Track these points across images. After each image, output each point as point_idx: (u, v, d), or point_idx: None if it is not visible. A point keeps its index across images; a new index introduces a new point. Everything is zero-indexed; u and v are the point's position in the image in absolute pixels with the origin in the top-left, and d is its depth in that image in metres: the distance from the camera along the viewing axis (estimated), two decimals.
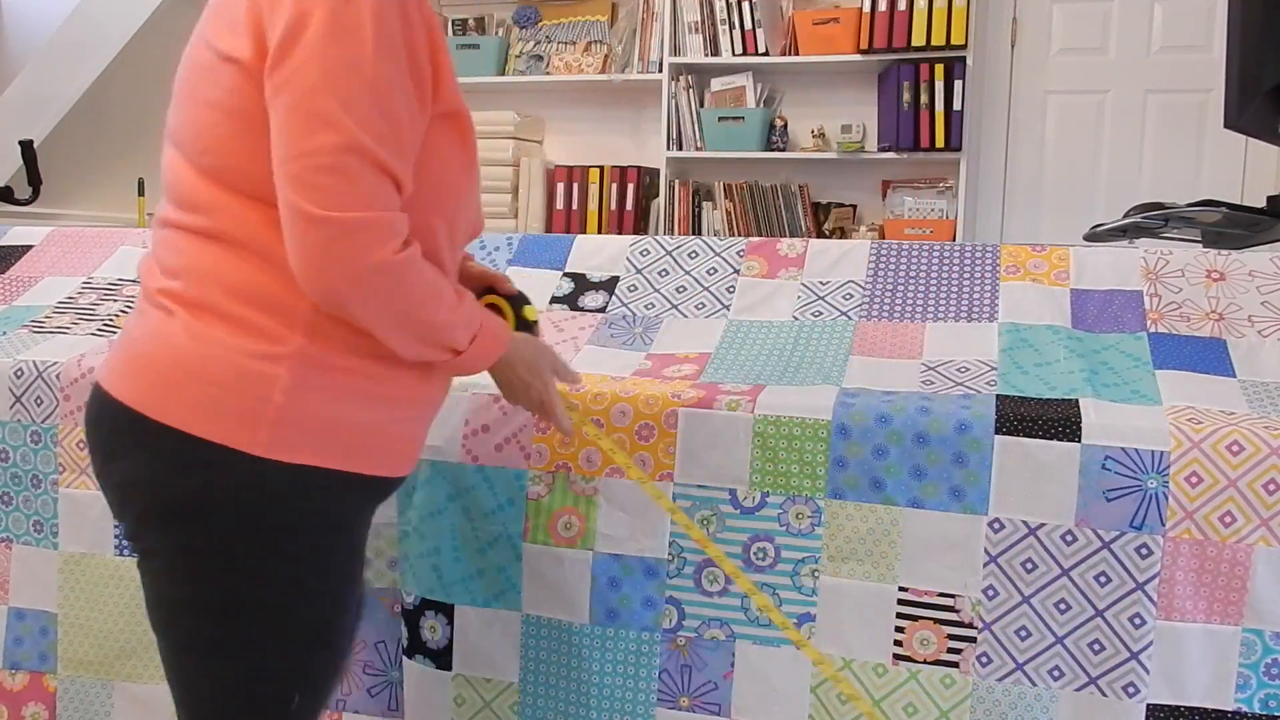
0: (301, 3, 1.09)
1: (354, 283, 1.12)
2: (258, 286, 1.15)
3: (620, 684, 1.71)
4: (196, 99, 1.17)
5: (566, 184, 4.35)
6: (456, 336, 1.25)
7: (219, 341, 1.15)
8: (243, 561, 1.17)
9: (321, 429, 1.18)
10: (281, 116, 1.10)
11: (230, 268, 1.16)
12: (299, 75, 1.08)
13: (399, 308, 1.17)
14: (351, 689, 1.85)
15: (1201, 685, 1.52)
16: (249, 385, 1.14)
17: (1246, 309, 1.83)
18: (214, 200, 1.16)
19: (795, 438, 1.65)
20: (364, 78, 1.09)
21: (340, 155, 1.09)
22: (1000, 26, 4.11)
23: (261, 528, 1.17)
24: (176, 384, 1.15)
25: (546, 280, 2.16)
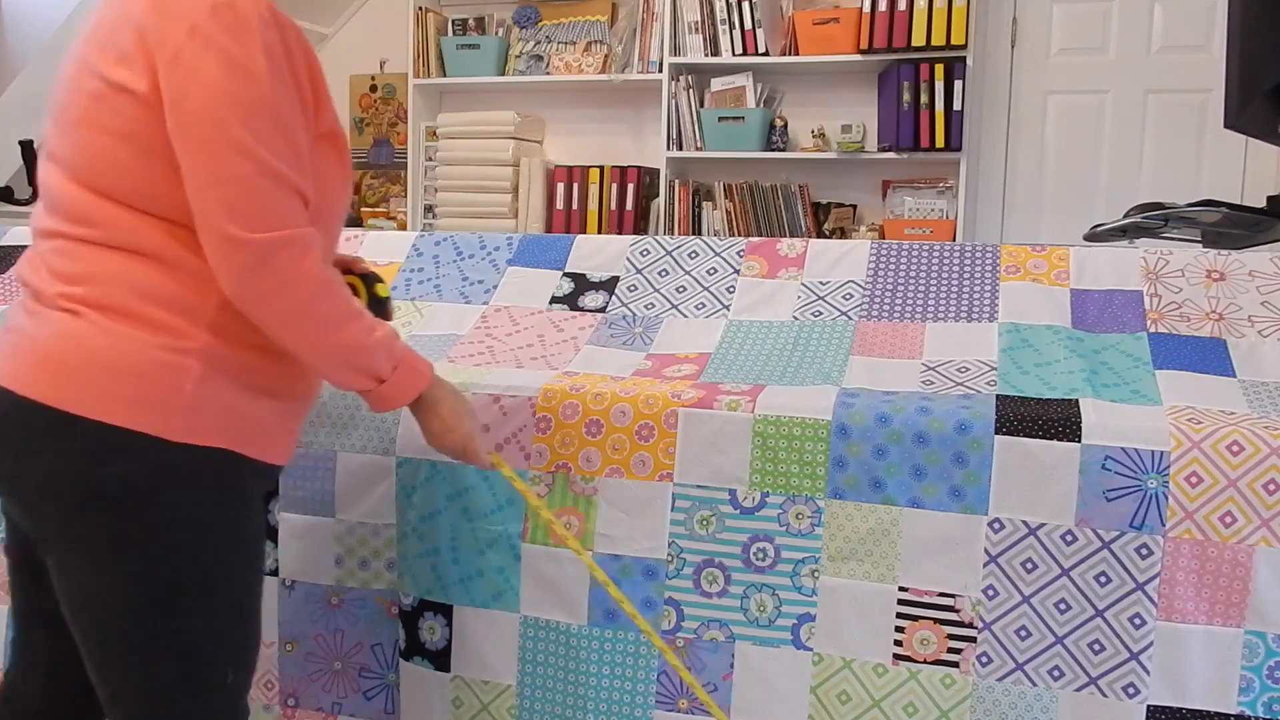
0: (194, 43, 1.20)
1: (281, 294, 1.24)
2: (162, 289, 1.25)
3: (618, 685, 1.71)
4: (91, 125, 1.25)
5: (566, 184, 4.35)
6: (379, 362, 1.35)
7: (132, 337, 1.23)
8: (167, 541, 1.26)
9: (226, 416, 1.28)
10: (194, 148, 1.20)
11: (135, 272, 1.25)
12: (206, 110, 1.19)
13: (323, 324, 1.28)
14: (348, 692, 1.85)
15: (1203, 687, 1.52)
16: (163, 376, 1.23)
17: (1246, 309, 1.83)
18: (109, 215, 1.25)
19: (795, 438, 1.65)
20: (266, 108, 1.22)
21: (256, 180, 1.21)
22: (1000, 26, 4.10)
23: (182, 506, 1.26)
24: (93, 379, 1.22)
25: (546, 280, 2.16)
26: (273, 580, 1.87)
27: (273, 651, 1.88)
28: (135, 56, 1.22)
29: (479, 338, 2.04)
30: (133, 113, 1.23)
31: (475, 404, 1.77)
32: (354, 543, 1.83)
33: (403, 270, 2.23)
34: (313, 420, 1.85)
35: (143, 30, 1.22)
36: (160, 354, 1.23)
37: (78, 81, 1.27)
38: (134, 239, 1.25)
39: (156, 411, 1.23)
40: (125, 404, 1.22)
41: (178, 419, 1.24)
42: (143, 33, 1.22)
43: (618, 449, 1.72)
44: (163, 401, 1.23)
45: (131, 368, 1.23)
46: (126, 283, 1.24)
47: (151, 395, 1.23)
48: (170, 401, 1.23)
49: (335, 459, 1.83)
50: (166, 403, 1.23)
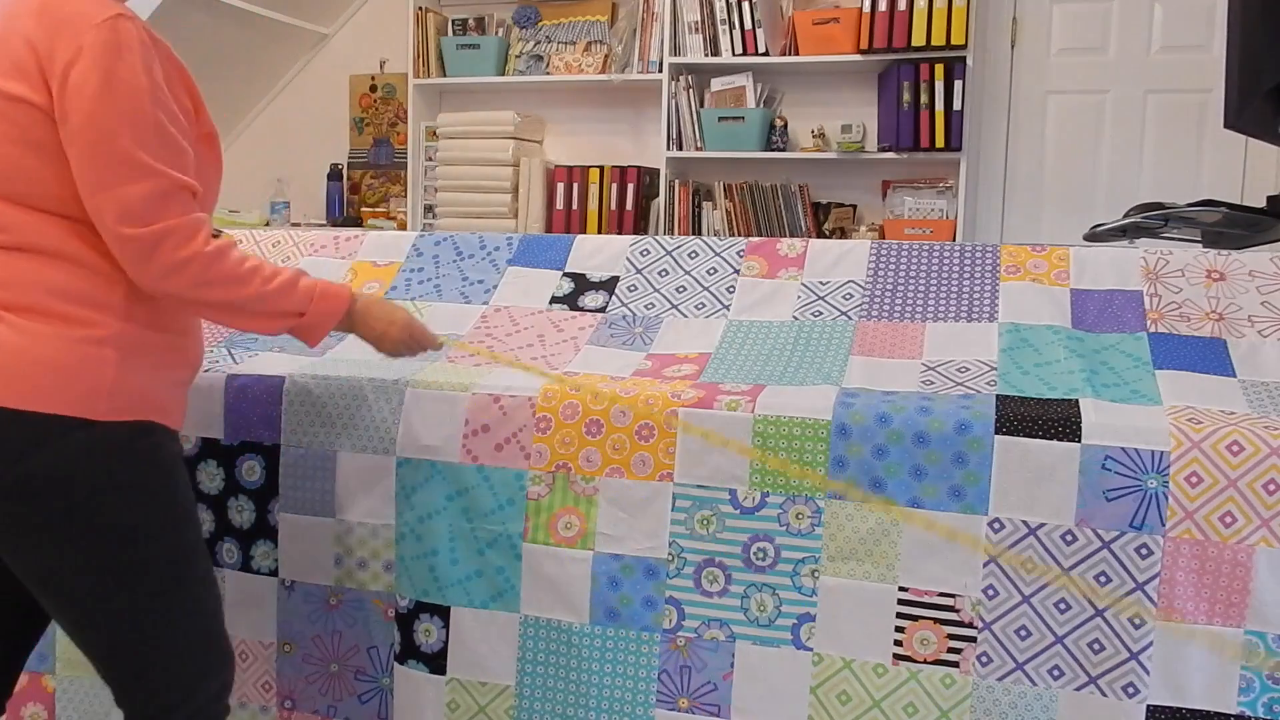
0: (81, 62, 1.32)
1: (178, 274, 1.38)
2: (72, 286, 1.37)
3: (619, 684, 1.71)
4: None
5: (566, 184, 4.35)
6: (292, 300, 1.51)
7: (52, 334, 1.34)
8: (111, 510, 1.37)
9: (143, 393, 1.41)
10: (85, 156, 1.33)
11: (44, 273, 1.36)
12: (92, 123, 1.32)
13: (225, 287, 1.43)
14: (343, 695, 1.85)
15: (1202, 687, 1.52)
16: (86, 366, 1.35)
17: (1246, 309, 1.83)
18: (15, 219, 1.36)
19: (795, 438, 1.65)
20: (147, 118, 1.35)
21: (139, 183, 1.34)
22: (1000, 26, 4.10)
23: (118, 478, 1.38)
24: (20, 375, 1.32)
25: (546, 280, 2.16)
26: (272, 580, 1.87)
27: (271, 652, 1.88)
28: (29, 69, 1.34)
29: (479, 338, 2.04)
30: (29, 121, 1.34)
31: (475, 404, 1.77)
32: (353, 543, 1.83)
33: (403, 270, 2.23)
34: (313, 420, 1.85)
35: (34, 46, 1.33)
36: (80, 347, 1.35)
37: None
38: (41, 240, 1.37)
39: (83, 397, 1.34)
40: (54, 394, 1.33)
41: (103, 402, 1.36)
42: (34, 49, 1.33)
43: (618, 449, 1.72)
44: (88, 388, 1.35)
45: (55, 361, 1.34)
46: (39, 284, 1.36)
47: (76, 384, 1.34)
48: (95, 387, 1.35)
49: (335, 459, 1.83)
50: (92, 389, 1.35)
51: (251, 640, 1.89)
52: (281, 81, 4.95)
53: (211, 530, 1.91)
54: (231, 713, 1.86)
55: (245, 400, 1.87)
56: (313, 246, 2.32)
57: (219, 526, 1.90)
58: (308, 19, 4.68)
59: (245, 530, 1.89)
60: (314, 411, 1.84)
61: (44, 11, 1.34)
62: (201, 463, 1.90)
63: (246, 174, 4.92)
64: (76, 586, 1.38)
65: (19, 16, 1.35)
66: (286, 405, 1.86)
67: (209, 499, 1.90)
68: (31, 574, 1.39)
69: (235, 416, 1.88)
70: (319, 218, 4.84)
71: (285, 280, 1.50)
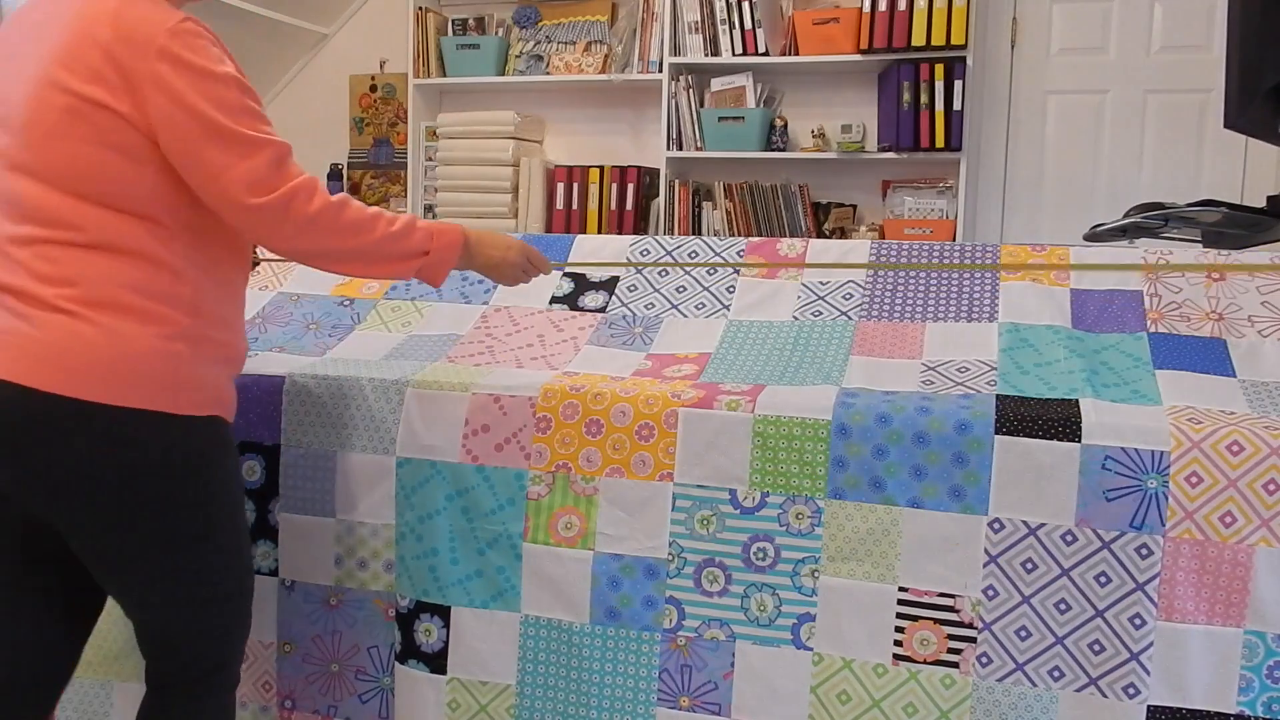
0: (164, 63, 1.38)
1: (312, 227, 1.46)
2: (146, 282, 1.42)
3: (620, 683, 1.71)
4: (69, 137, 1.39)
5: (566, 184, 4.35)
6: (416, 240, 1.58)
7: (131, 332, 1.40)
8: (191, 498, 1.46)
9: (209, 387, 1.49)
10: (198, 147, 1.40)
11: (120, 270, 1.41)
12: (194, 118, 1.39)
13: (356, 234, 1.51)
14: (344, 695, 1.85)
15: (1202, 687, 1.52)
16: (163, 362, 1.42)
17: (1246, 309, 1.83)
18: (92, 217, 1.40)
19: (795, 438, 1.65)
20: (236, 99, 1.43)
21: (251, 158, 1.42)
22: (1000, 26, 4.10)
23: (203, 466, 1.48)
24: (104, 370, 1.38)
25: (546, 280, 2.16)
26: (272, 580, 1.87)
27: (271, 652, 1.88)
28: (110, 78, 1.38)
29: (479, 337, 2.04)
30: (111, 125, 1.39)
31: (475, 404, 1.77)
32: (353, 543, 1.83)
33: None
34: (313, 420, 1.85)
35: (112, 55, 1.38)
36: (155, 343, 1.41)
37: (44, 98, 1.40)
38: (117, 238, 1.41)
39: (161, 391, 1.41)
40: (134, 388, 1.39)
41: (182, 395, 1.44)
42: (113, 57, 1.38)
43: (618, 449, 1.72)
44: (166, 383, 1.42)
45: (132, 357, 1.39)
46: (115, 280, 1.40)
47: (156, 379, 1.41)
48: (172, 382, 1.42)
49: (335, 459, 1.83)
50: (169, 383, 1.42)
51: (252, 640, 1.89)
52: (281, 81, 4.94)
53: None
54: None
55: (245, 400, 1.87)
56: None
57: None
58: (308, 19, 4.68)
59: None
60: (314, 411, 1.84)
61: (117, 22, 1.39)
62: None
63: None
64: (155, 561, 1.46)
65: (93, 26, 1.39)
66: (286, 405, 1.86)
67: None
68: (105, 554, 1.46)
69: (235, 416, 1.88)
70: None
71: (406, 222, 1.58)
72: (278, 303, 2.19)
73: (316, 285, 2.22)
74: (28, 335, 1.37)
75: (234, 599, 1.57)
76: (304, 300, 2.18)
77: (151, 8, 1.42)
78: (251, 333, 2.08)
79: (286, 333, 2.09)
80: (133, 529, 1.44)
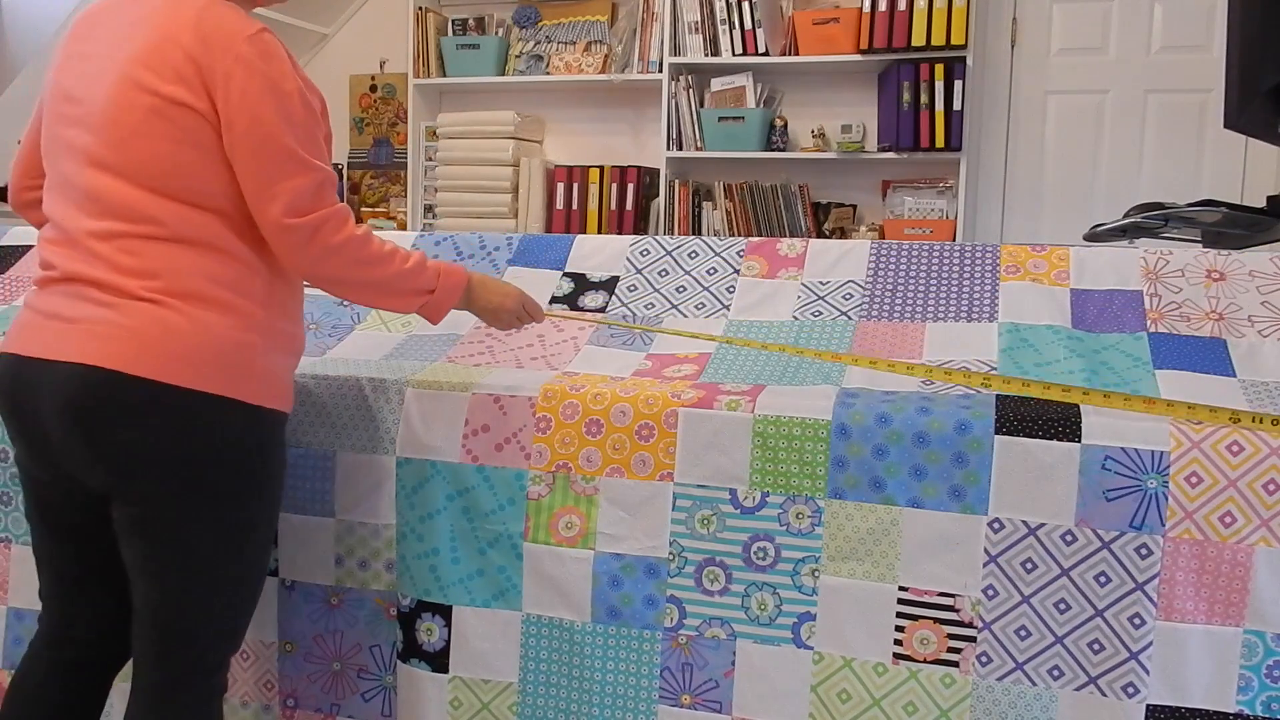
0: (240, 69, 1.45)
1: (335, 255, 1.53)
2: (224, 274, 1.49)
3: (622, 682, 1.71)
4: (151, 135, 1.46)
5: (566, 184, 4.35)
6: (425, 278, 1.65)
7: (213, 321, 1.47)
8: (249, 485, 1.53)
9: (277, 379, 1.56)
10: (254, 155, 1.47)
11: (201, 262, 1.48)
12: (257, 126, 1.46)
13: (373, 267, 1.58)
14: (346, 693, 1.85)
15: (1202, 687, 1.52)
16: (240, 352, 1.49)
17: (1246, 309, 1.83)
18: (173, 212, 1.47)
19: (795, 438, 1.65)
20: (299, 118, 1.50)
21: (300, 178, 1.49)
22: (1000, 26, 4.11)
23: (259, 456, 1.54)
24: (185, 356, 1.45)
25: (547, 280, 2.16)
26: (272, 580, 1.88)
27: (272, 651, 1.88)
28: (190, 78, 1.46)
29: (479, 337, 2.04)
30: (192, 124, 1.46)
31: (475, 404, 1.78)
32: (354, 543, 1.84)
33: None
34: (313, 420, 1.85)
35: (193, 57, 1.45)
36: (234, 333, 1.49)
37: (128, 97, 1.46)
38: (196, 232, 1.48)
39: (238, 380, 1.49)
40: (215, 375, 1.46)
41: (255, 385, 1.51)
42: (193, 59, 1.45)
43: (618, 449, 1.72)
44: (243, 373, 1.49)
45: (214, 345, 1.47)
46: (195, 272, 1.47)
47: (232, 367, 1.48)
48: (247, 371, 1.50)
49: (335, 459, 1.83)
50: (244, 373, 1.50)
51: (253, 639, 1.89)
52: None
53: None
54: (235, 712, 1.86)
55: None
56: None
57: None
58: (308, 19, 4.68)
59: None
60: (314, 411, 1.84)
61: (199, 26, 1.47)
62: None
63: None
64: (203, 543, 1.50)
65: (175, 30, 1.47)
66: None
67: None
68: (165, 533, 1.49)
69: None
70: None
71: (418, 259, 1.65)
72: None
73: None
74: (115, 323, 1.44)
75: (252, 595, 1.60)
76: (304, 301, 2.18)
77: (233, 14, 1.50)
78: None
79: None
80: (188, 507, 1.48)
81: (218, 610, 1.55)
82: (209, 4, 1.50)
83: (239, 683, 1.90)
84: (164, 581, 1.51)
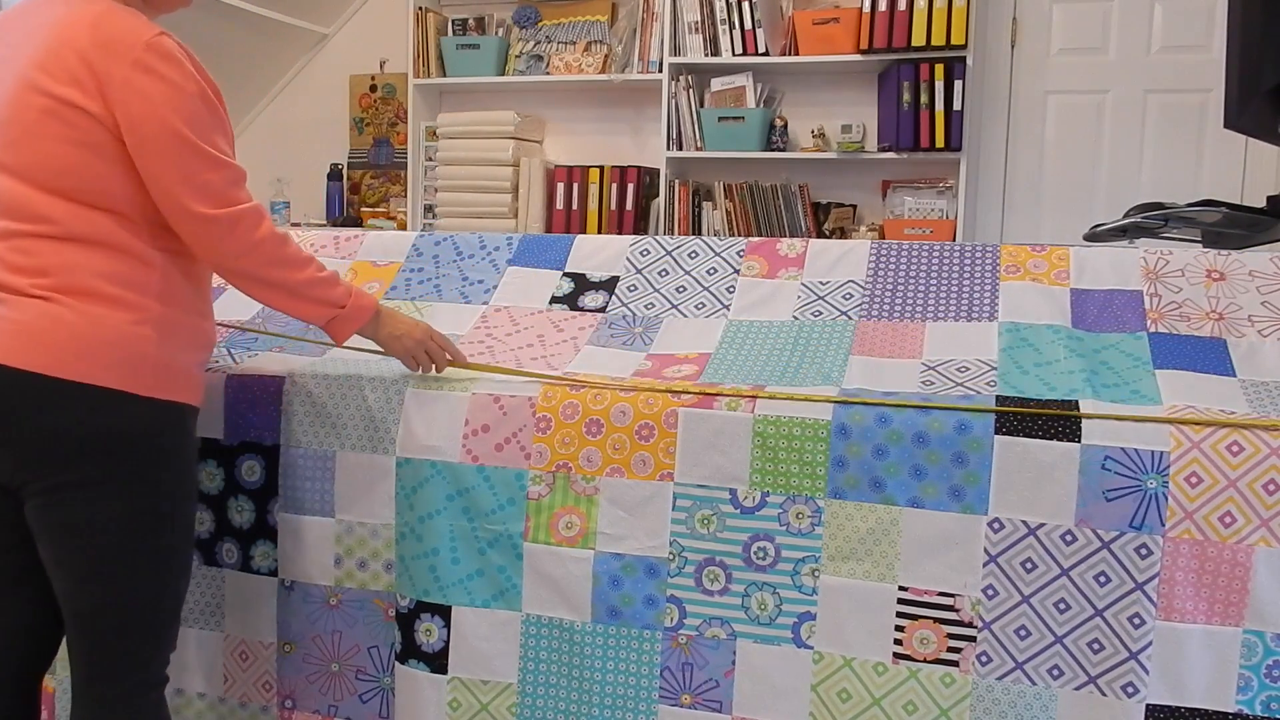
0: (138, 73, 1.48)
1: (250, 253, 1.57)
2: (120, 271, 1.52)
3: (622, 681, 1.71)
4: (45, 136, 1.49)
5: (566, 184, 4.35)
6: (338, 292, 1.68)
7: (104, 316, 1.49)
8: (149, 477, 1.54)
9: (176, 372, 1.57)
10: (163, 154, 1.50)
11: (92, 260, 1.50)
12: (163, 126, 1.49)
13: (288, 269, 1.61)
14: (344, 694, 1.85)
15: (1201, 686, 1.52)
16: (132, 345, 1.51)
17: (1246, 309, 1.83)
18: (65, 211, 1.50)
19: (795, 437, 1.65)
20: (204, 116, 1.54)
21: (211, 172, 1.53)
22: (1000, 26, 4.11)
23: (156, 448, 1.55)
24: (78, 351, 1.47)
25: (546, 280, 2.16)
26: (272, 580, 1.88)
27: (271, 652, 1.88)
28: (84, 81, 1.48)
29: (479, 337, 2.04)
30: (85, 125, 1.49)
31: (475, 404, 1.78)
32: (353, 543, 1.84)
33: (402, 270, 2.23)
34: (312, 420, 1.85)
35: (88, 60, 1.48)
36: (125, 327, 1.50)
37: (23, 99, 1.50)
38: (89, 230, 1.50)
39: (131, 373, 1.50)
40: (107, 369, 1.48)
41: (149, 378, 1.52)
42: (89, 62, 1.48)
43: (618, 448, 1.72)
44: (134, 365, 1.51)
45: (105, 339, 1.48)
46: (87, 269, 1.49)
47: (124, 361, 1.50)
48: (139, 365, 1.51)
49: (335, 459, 1.83)
50: (137, 366, 1.51)
51: (252, 640, 1.89)
52: (281, 81, 4.95)
53: (211, 530, 1.91)
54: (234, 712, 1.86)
55: (245, 400, 1.88)
56: (312, 246, 2.32)
57: (219, 526, 1.91)
58: (308, 19, 4.68)
59: (245, 530, 1.89)
60: (314, 411, 1.84)
61: (96, 31, 1.49)
62: (201, 463, 1.90)
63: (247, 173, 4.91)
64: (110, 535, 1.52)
65: (72, 34, 1.49)
66: (286, 405, 1.86)
67: (209, 499, 1.91)
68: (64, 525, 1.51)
69: (235, 416, 1.88)
70: (319, 218, 4.84)
71: (332, 274, 1.68)
72: None
73: None
74: (5, 318, 1.46)
75: (173, 588, 1.61)
76: None
77: (131, 19, 1.52)
78: (251, 334, 2.08)
79: (285, 332, 2.09)
80: (92, 500, 1.50)
81: (138, 604, 1.55)
82: (108, 9, 1.52)
83: (237, 683, 1.90)
84: (77, 575, 1.53)
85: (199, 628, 1.92)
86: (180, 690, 1.93)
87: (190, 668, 1.93)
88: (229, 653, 1.91)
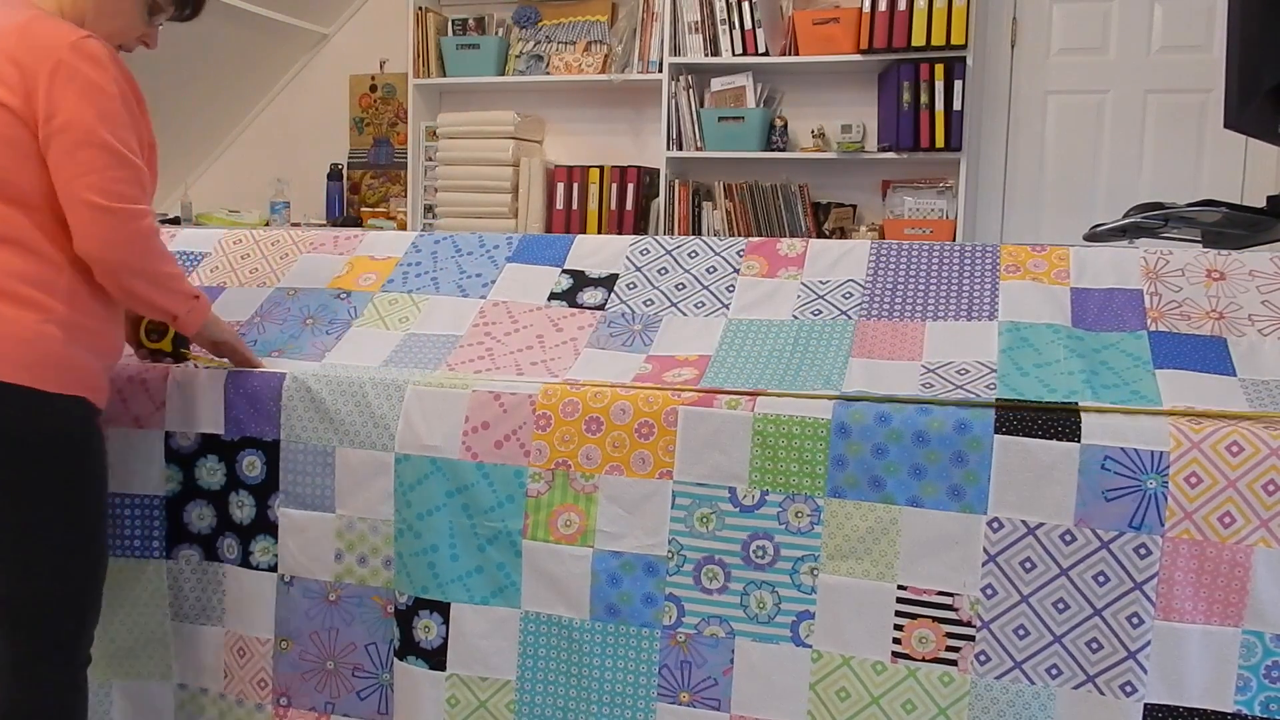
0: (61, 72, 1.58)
1: (134, 244, 1.65)
2: (29, 270, 1.60)
3: (620, 679, 1.71)
4: None
5: (566, 184, 4.35)
6: (189, 289, 1.78)
7: (11, 315, 1.57)
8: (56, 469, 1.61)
9: (81, 372, 1.64)
10: (70, 147, 1.59)
11: (6, 258, 1.58)
12: (78, 120, 1.59)
13: (159, 262, 1.71)
14: (341, 691, 1.85)
15: (1200, 686, 1.52)
16: (37, 342, 1.58)
17: (1247, 308, 1.83)
18: None
19: (795, 436, 1.65)
20: (119, 117, 1.63)
21: (116, 169, 1.61)
22: (1000, 26, 4.11)
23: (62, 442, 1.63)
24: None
25: (545, 277, 2.16)
26: (271, 576, 1.88)
27: (267, 649, 1.88)
28: (12, 81, 1.58)
29: (478, 338, 2.03)
30: (5, 119, 1.58)
31: (476, 402, 1.78)
32: (353, 538, 1.83)
33: (400, 265, 2.22)
34: (313, 416, 1.85)
35: (15, 58, 1.58)
36: (33, 325, 1.58)
37: None
38: (3, 228, 1.59)
39: (34, 370, 1.58)
40: (11, 366, 1.56)
41: (51, 374, 1.59)
42: (17, 63, 1.58)
43: (618, 446, 1.72)
44: (38, 362, 1.58)
45: (11, 338, 1.56)
46: (4, 269, 1.57)
47: (29, 357, 1.58)
48: (44, 362, 1.59)
49: (335, 455, 1.83)
50: (41, 363, 1.58)
51: (249, 637, 1.89)
52: (281, 81, 4.95)
53: (212, 525, 1.91)
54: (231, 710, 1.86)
55: (246, 396, 1.88)
56: (312, 245, 2.32)
57: (219, 521, 1.91)
58: (308, 19, 4.68)
59: (245, 526, 1.89)
60: (314, 408, 1.84)
61: (25, 33, 1.59)
62: (202, 458, 1.90)
63: (246, 174, 4.91)
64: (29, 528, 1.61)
65: (3, 40, 1.59)
66: (287, 401, 1.86)
67: (210, 494, 1.91)
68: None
69: (236, 412, 1.88)
70: (319, 218, 4.84)
71: (184, 274, 1.80)
72: (275, 299, 2.19)
73: (313, 279, 2.22)
74: None
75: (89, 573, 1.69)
76: (301, 294, 2.18)
77: (58, 24, 1.62)
78: (250, 334, 2.08)
79: (285, 332, 2.09)
80: (11, 496, 1.59)
81: (60, 592, 1.64)
82: (37, 16, 1.62)
83: (235, 680, 1.90)
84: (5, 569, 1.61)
85: (201, 623, 1.92)
86: (183, 685, 1.93)
87: (194, 664, 1.93)
88: (229, 648, 1.91)
